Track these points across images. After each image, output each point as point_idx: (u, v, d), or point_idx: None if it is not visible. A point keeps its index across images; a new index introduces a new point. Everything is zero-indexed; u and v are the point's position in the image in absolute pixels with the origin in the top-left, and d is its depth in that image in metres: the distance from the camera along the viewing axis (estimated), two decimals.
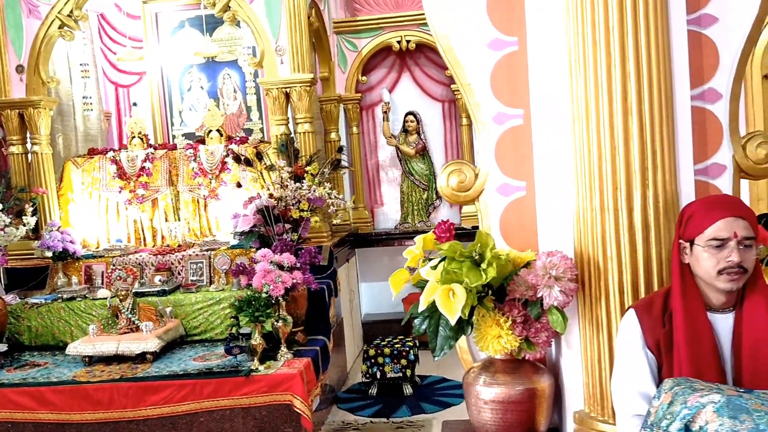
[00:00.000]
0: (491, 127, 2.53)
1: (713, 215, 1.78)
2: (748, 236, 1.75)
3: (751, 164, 2.44)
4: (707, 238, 1.76)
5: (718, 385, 1.42)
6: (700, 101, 2.46)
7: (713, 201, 1.90)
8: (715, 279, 1.76)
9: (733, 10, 2.41)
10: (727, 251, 1.74)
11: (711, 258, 1.75)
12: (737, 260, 1.72)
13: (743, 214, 1.79)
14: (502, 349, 2.28)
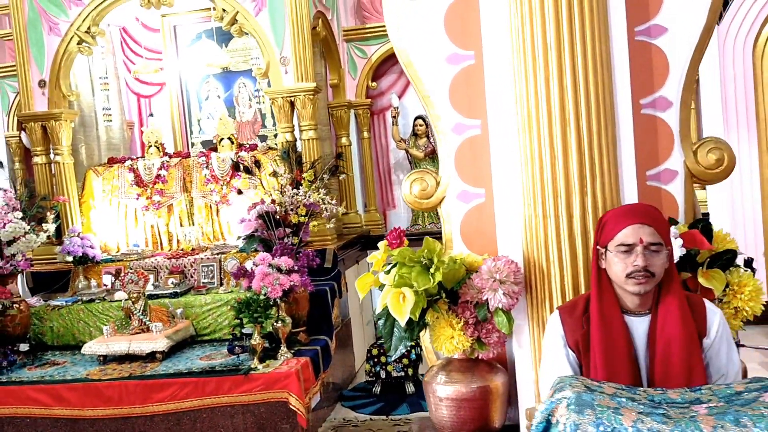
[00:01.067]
0: (451, 137, 2.65)
1: (622, 222, 1.88)
2: (653, 242, 1.85)
3: (702, 169, 2.52)
4: (616, 243, 1.87)
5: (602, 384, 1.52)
6: (651, 109, 2.55)
7: (624, 210, 2.00)
8: (624, 282, 1.86)
9: (682, 21, 2.49)
10: (633, 256, 1.83)
11: (620, 262, 1.85)
12: (642, 264, 1.82)
13: (650, 221, 1.88)
14: (454, 349, 2.40)
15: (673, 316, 1.85)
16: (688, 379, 1.79)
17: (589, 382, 1.51)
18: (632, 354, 1.86)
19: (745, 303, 2.25)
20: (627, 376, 1.80)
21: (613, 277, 1.89)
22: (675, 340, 1.82)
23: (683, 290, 1.95)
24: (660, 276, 1.87)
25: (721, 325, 1.91)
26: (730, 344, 1.93)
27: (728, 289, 2.27)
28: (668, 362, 1.82)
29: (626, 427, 1.23)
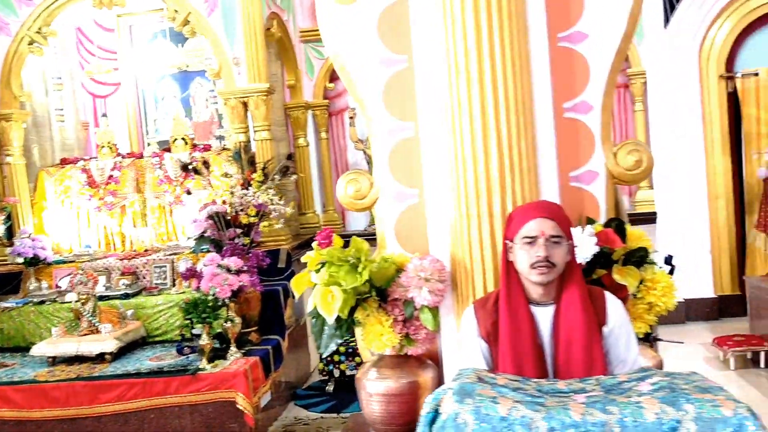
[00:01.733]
0: (385, 138, 2.71)
1: (527, 217, 2.00)
2: (555, 234, 1.95)
3: (622, 171, 2.61)
4: (521, 236, 1.97)
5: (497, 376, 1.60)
6: (573, 113, 2.64)
7: (529, 206, 2.11)
8: (529, 273, 1.96)
9: (602, 27, 2.58)
10: (536, 247, 1.93)
11: (525, 254, 1.95)
12: (544, 254, 1.92)
13: (552, 216, 1.99)
14: (383, 345, 2.47)
15: (575, 306, 1.94)
16: (588, 365, 1.88)
17: (484, 374, 1.58)
18: (538, 342, 1.95)
19: (659, 298, 2.35)
20: (532, 363, 1.90)
21: (519, 268, 1.98)
22: (576, 328, 1.92)
23: (584, 282, 2.04)
24: (561, 267, 1.97)
25: (620, 314, 2.02)
26: (629, 333, 2.03)
27: (642, 285, 2.37)
28: (570, 349, 1.92)
29: (501, 414, 1.31)
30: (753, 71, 6.29)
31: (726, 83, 6.41)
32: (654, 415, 1.26)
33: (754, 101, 6.31)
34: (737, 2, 6.28)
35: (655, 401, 1.30)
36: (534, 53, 2.51)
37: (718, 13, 6.28)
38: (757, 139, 6.33)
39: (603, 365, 1.90)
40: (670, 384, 1.36)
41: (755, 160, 6.36)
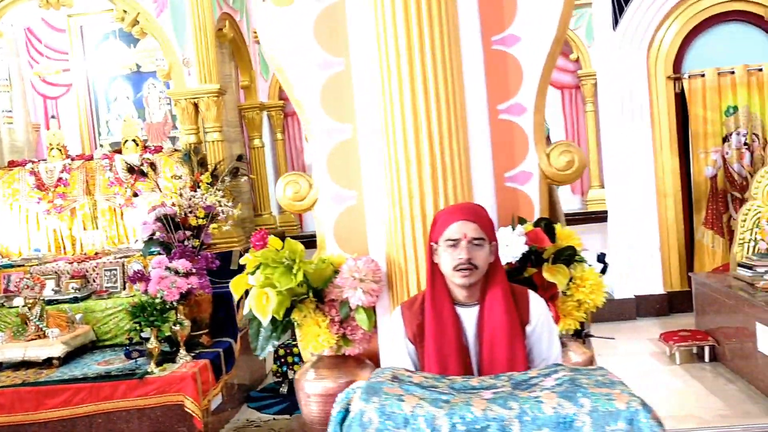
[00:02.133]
0: (323, 140, 2.73)
1: (450, 220, 2.02)
2: (476, 237, 1.98)
3: (555, 171, 2.67)
4: (445, 238, 2.00)
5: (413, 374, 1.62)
6: (507, 114, 2.69)
7: (452, 208, 2.13)
8: (452, 275, 1.99)
9: (534, 31, 2.64)
10: (459, 250, 1.96)
11: (448, 256, 1.98)
12: (466, 257, 1.95)
13: (474, 218, 2.02)
14: (320, 346, 2.48)
15: (498, 306, 1.98)
16: (511, 363, 1.92)
17: (400, 373, 1.61)
18: (462, 342, 1.98)
19: (587, 296, 2.41)
20: (456, 363, 1.93)
21: (443, 270, 2.01)
22: (499, 328, 1.96)
23: (507, 282, 2.07)
24: (484, 268, 2.00)
25: (542, 313, 2.06)
26: (551, 331, 2.08)
27: (572, 283, 2.42)
28: (494, 349, 1.96)
29: (405, 412, 1.34)
30: (699, 72, 6.45)
31: (674, 84, 6.56)
32: (552, 410, 1.30)
33: (700, 101, 6.47)
34: (684, 5, 6.43)
35: (553, 396, 1.34)
36: (468, 56, 2.56)
37: (665, 15, 6.43)
38: (704, 139, 6.49)
39: (525, 363, 1.94)
40: (572, 379, 1.40)
41: (702, 159, 6.52)
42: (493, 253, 2.04)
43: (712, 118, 6.47)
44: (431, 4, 2.35)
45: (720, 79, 6.43)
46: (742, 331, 4.45)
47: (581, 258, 2.52)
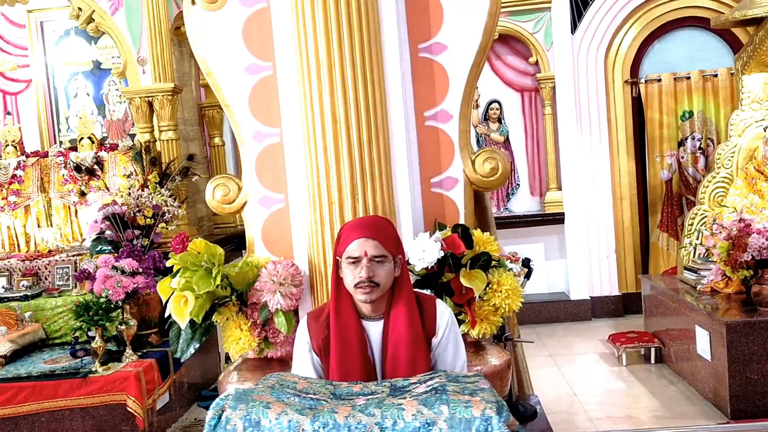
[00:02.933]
0: (251, 144, 2.75)
1: (351, 237, 2.03)
2: (377, 255, 1.99)
3: (480, 177, 2.72)
4: (346, 256, 2.01)
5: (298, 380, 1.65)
6: (434, 121, 2.73)
7: (354, 224, 2.13)
8: (354, 291, 2.01)
9: (460, 40, 2.68)
10: (359, 268, 1.98)
11: (350, 273, 2.00)
12: (366, 275, 1.96)
13: (375, 235, 2.01)
14: (241, 349, 2.51)
15: (402, 319, 2.00)
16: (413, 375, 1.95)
17: (285, 379, 1.64)
18: (367, 356, 2.00)
19: (503, 300, 2.45)
20: (359, 376, 1.94)
21: (346, 286, 2.03)
22: (402, 341, 1.98)
23: (413, 295, 2.09)
24: (386, 284, 2.01)
25: (448, 325, 2.09)
26: (457, 342, 2.12)
27: (489, 288, 2.46)
28: (396, 362, 1.98)
29: (270, 419, 1.37)
30: (656, 77, 6.54)
31: (631, 88, 6.66)
32: (411, 416, 1.34)
33: (657, 106, 6.57)
34: (641, 10, 6.52)
35: (415, 402, 1.38)
36: (396, 63, 2.59)
37: (623, 20, 6.52)
38: (660, 143, 6.60)
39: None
40: (442, 386, 1.44)
41: (658, 163, 6.62)
42: (399, 268, 2.06)
43: (668, 123, 6.58)
44: (351, 11, 2.38)
45: (676, 84, 6.53)
46: (684, 334, 4.54)
47: (501, 263, 2.56)
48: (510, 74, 6.83)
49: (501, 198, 6.85)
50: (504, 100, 6.83)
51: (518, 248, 6.80)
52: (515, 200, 6.93)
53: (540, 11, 6.54)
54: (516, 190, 6.93)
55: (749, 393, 3.85)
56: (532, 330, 6.40)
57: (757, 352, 3.84)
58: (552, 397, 4.57)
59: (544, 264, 6.86)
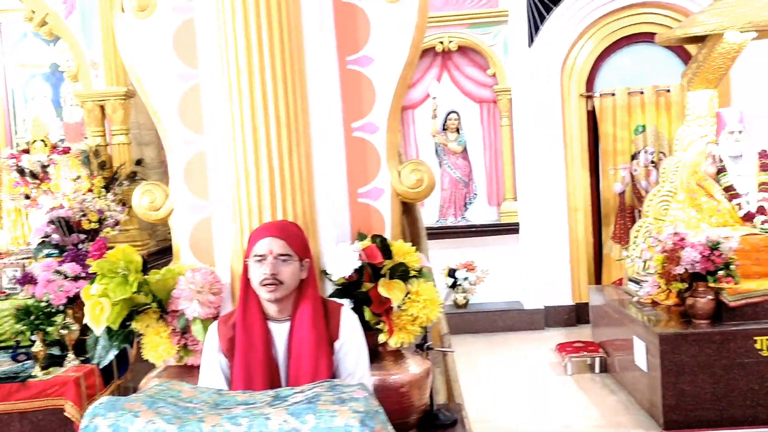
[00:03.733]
0: (180, 150, 2.76)
1: (258, 236, 2.09)
2: (283, 253, 2.05)
3: (405, 189, 2.75)
4: (253, 254, 2.07)
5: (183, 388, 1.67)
6: (361, 132, 2.77)
7: (263, 225, 2.21)
8: (259, 290, 2.05)
9: (387, 53, 2.72)
10: (265, 265, 2.03)
11: (255, 271, 2.05)
12: (270, 272, 2.01)
13: (283, 235, 2.09)
14: (159, 356, 2.52)
15: (306, 322, 2.05)
16: (314, 378, 1.97)
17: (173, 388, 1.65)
18: (272, 357, 2.04)
19: (421, 310, 2.48)
20: (262, 378, 1.99)
21: (252, 284, 2.07)
22: (306, 343, 2.02)
23: (319, 298, 2.15)
24: (291, 284, 2.06)
25: (352, 330, 2.14)
26: (360, 347, 2.15)
27: (407, 297, 2.50)
28: (300, 364, 2.02)
29: (138, 428, 1.39)
30: (610, 91, 6.67)
31: (586, 102, 6.78)
32: (277, 426, 1.36)
33: (610, 120, 6.69)
34: (597, 25, 6.64)
35: (283, 412, 1.41)
36: (319, 74, 2.62)
37: (579, 34, 6.63)
38: (614, 156, 6.71)
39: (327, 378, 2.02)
40: (317, 395, 1.47)
41: (612, 176, 6.74)
42: (306, 270, 2.11)
43: (621, 136, 6.70)
44: (272, 21, 2.41)
45: (630, 99, 6.66)
46: (625, 344, 4.62)
47: (423, 274, 2.60)
48: (469, 85, 6.91)
49: (458, 207, 6.91)
50: (463, 111, 6.91)
51: (475, 257, 6.96)
52: (472, 210, 7.00)
53: (498, 24, 6.64)
54: (473, 200, 7.00)
55: (682, 404, 3.93)
56: (486, 339, 6.47)
57: (690, 364, 3.92)
58: (492, 405, 4.63)
59: (499, 273, 6.91)
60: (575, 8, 6.52)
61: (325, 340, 2.05)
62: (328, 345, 2.06)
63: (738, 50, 4.74)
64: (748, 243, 4.22)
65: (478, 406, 4.64)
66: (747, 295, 3.98)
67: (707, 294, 4.01)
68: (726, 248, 3.90)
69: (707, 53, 4.83)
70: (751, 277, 4.19)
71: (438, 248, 6.94)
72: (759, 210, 4.45)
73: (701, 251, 3.86)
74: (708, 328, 3.98)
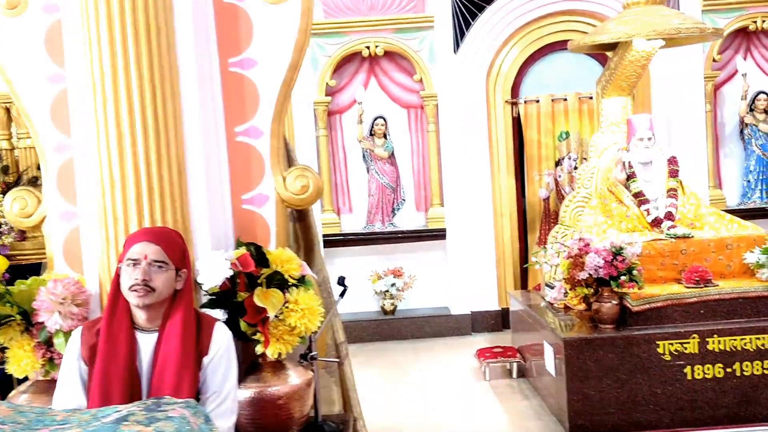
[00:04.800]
0: (53, 155, 2.64)
1: (133, 240, 2.04)
2: (157, 260, 1.99)
3: (290, 195, 2.69)
4: (126, 258, 2.00)
5: None
6: (244, 137, 2.70)
7: (140, 230, 2.16)
8: (128, 295, 1.99)
9: (271, 56, 2.65)
10: (137, 270, 1.96)
11: (127, 276, 1.98)
12: (142, 278, 1.95)
13: (159, 241, 2.03)
14: (23, 370, 2.40)
15: (176, 334, 1.99)
16: (176, 393, 1.91)
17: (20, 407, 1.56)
18: (133, 368, 1.97)
19: (299, 320, 2.42)
20: (121, 388, 1.93)
21: (122, 290, 2.00)
22: (172, 356, 1.96)
23: (193, 311, 2.09)
24: (162, 292, 2.00)
25: (223, 346, 2.08)
26: (230, 365, 2.10)
27: (285, 307, 2.43)
28: (163, 377, 1.96)
29: None
30: (534, 98, 6.73)
31: (511, 108, 6.83)
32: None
33: (535, 126, 6.75)
34: (522, 32, 6.69)
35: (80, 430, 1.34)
36: (195, 77, 2.54)
37: (504, 41, 6.67)
38: (538, 162, 6.78)
39: (191, 394, 1.96)
40: (130, 413, 1.39)
41: (537, 182, 6.80)
42: (183, 282, 2.06)
43: (545, 143, 6.77)
44: (138, 23, 2.32)
45: (554, 105, 6.74)
46: (538, 349, 4.64)
47: (305, 282, 2.53)
48: (396, 90, 6.89)
49: (386, 213, 6.88)
50: (390, 116, 6.88)
51: (403, 263, 6.92)
52: (400, 216, 6.97)
53: (424, 29, 6.63)
54: (401, 206, 6.97)
55: (587, 408, 3.95)
56: (411, 345, 6.45)
57: (594, 369, 3.95)
58: (402, 412, 4.61)
59: (427, 279, 6.91)
60: (499, 16, 6.56)
61: (193, 355, 2.00)
62: (196, 360, 2.01)
63: (647, 58, 4.82)
64: (653, 248, 4.29)
65: (387, 413, 4.61)
66: (650, 300, 4.03)
67: (612, 299, 4.05)
68: (629, 254, 3.95)
69: (618, 61, 4.90)
70: (657, 282, 4.25)
71: (365, 254, 6.93)
72: (667, 216, 4.52)
73: (605, 257, 3.89)
74: (612, 332, 4.02)
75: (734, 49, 6.93)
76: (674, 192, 4.66)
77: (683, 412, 3.96)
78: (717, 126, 6.98)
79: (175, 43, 2.45)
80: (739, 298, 4.07)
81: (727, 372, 3.95)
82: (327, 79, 6.64)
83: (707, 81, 6.72)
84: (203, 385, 2.04)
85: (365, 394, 5.03)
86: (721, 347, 3.94)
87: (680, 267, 4.26)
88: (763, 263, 4.15)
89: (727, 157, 7.03)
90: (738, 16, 6.73)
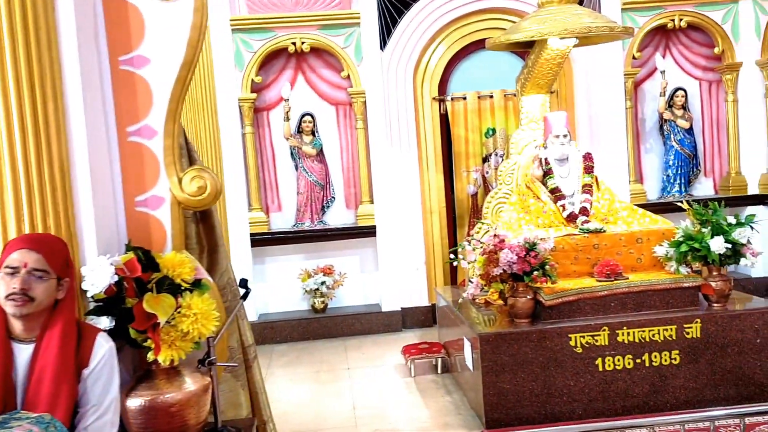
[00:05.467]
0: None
1: (12, 247, 1.97)
2: (38, 268, 1.94)
3: (187, 197, 2.63)
4: (5, 265, 1.93)
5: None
6: (138, 137, 2.63)
7: (22, 236, 2.09)
8: (4, 304, 1.93)
9: (163, 53, 2.59)
10: (15, 279, 1.90)
11: (4, 285, 1.92)
12: (20, 287, 1.90)
13: (40, 249, 1.97)
14: None
15: (54, 346, 1.94)
16: (51, 405, 1.87)
17: None
18: (8, 380, 1.91)
19: (191, 325, 2.37)
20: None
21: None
22: (49, 368, 1.91)
23: (74, 321, 2.05)
24: (42, 302, 1.95)
25: (104, 358, 2.05)
26: (111, 377, 2.07)
27: (177, 312, 2.38)
28: (39, 389, 1.91)
29: None
30: (461, 95, 6.79)
31: (439, 105, 6.86)
32: None
33: (462, 123, 6.81)
34: (448, 29, 6.73)
35: None
36: (91, 75, 2.47)
37: (431, 38, 6.70)
38: (466, 158, 6.84)
39: (66, 407, 1.93)
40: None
41: (464, 178, 6.86)
42: (64, 291, 2.01)
43: (473, 139, 6.83)
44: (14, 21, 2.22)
45: (480, 102, 6.80)
46: (460, 344, 4.68)
47: (200, 286, 2.48)
48: (323, 87, 6.85)
49: (315, 211, 6.83)
50: (318, 113, 6.83)
51: (334, 261, 6.90)
52: (330, 213, 6.95)
53: (350, 26, 6.60)
54: (331, 203, 6.94)
55: (503, 402, 4.01)
56: (341, 343, 6.43)
57: (509, 363, 4.00)
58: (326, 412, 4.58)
59: (358, 276, 6.91)
60: (425, 12, 6.59)
61: (72, 367, 1.96)
62: (75, 372, 1.97)
63: (562, 56, 4.91)
64: (567, 243, 4.37)
65: (310, 413, 4.58)
66: (562, 294, 4.11)
67: (527, 294, 4.11)
68: (542, 249, 4.01)
69: (535, 59, 4.98)
70: (570, 276, 4.34)
71: (295, 253, 6.89)
72: (581, 211, 4.62)
73: (518, 252, 3.94)
74: (527, 327, 4.08)
75: (653, 46, 7.13)
76: (589, 188, 4.76)
77: (596, 403, 4.05)
78: (638, 122, 7.18)
79: (58, 39, 2.37)
80: (647, 291, 4.18)
81: (636, 363, 4.06)
82: (253, 75, 6.55)
83: (627, 78, 6.90)
84: (82, 397, 1.99)
85: (290, 394, 5.02)
86: (630, 339, 4.04)
87: (593, 261, 4.36)
88: (671, 256, 4.28)
89: (648, 152, 7.24)
90: (656, 15, 6.92)
